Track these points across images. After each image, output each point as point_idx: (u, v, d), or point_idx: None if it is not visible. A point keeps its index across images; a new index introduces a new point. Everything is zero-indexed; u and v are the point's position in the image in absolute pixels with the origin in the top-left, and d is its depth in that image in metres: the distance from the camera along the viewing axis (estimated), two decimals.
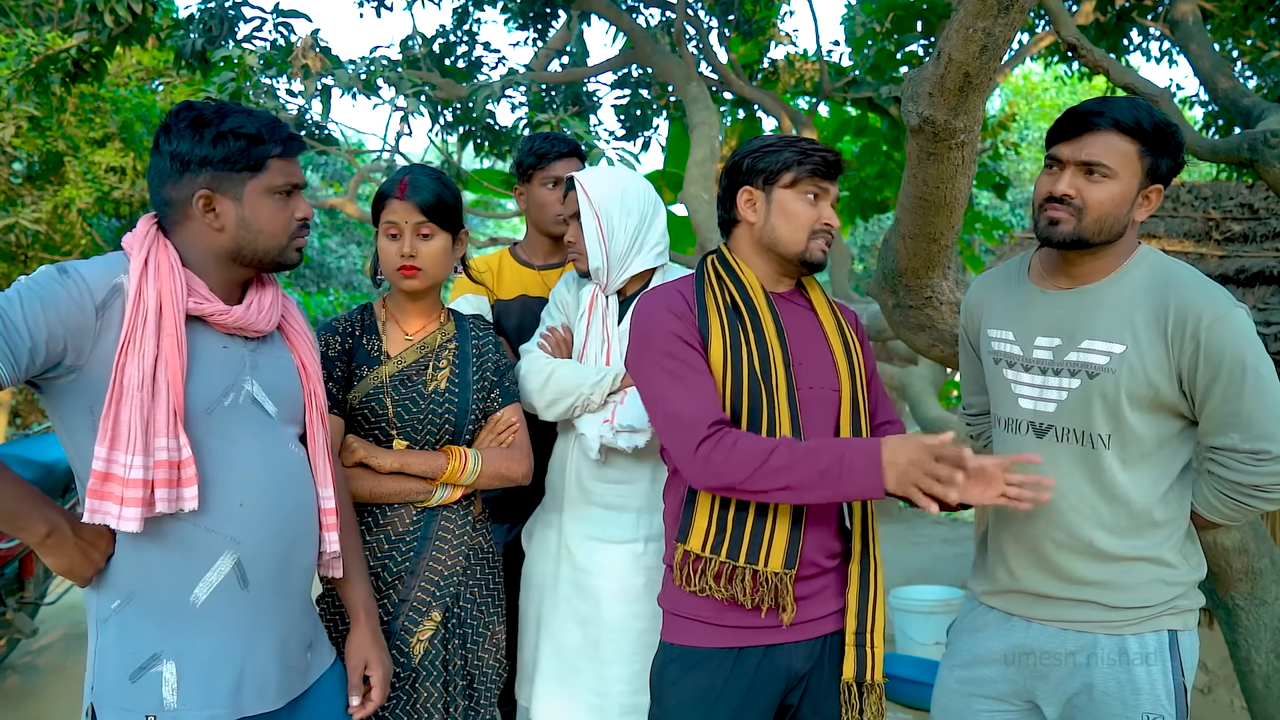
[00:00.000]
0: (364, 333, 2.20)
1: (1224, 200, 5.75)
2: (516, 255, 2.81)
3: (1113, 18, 6.58)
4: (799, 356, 1.96)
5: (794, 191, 1.96)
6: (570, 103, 6.70)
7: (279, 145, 1.69)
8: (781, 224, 1.96)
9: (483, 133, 6.49)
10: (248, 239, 1.69)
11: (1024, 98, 19.45)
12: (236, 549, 1.63)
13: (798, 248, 1.97)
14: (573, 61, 6.91)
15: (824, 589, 1.95)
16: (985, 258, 10.74)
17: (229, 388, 1.67)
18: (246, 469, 1.66)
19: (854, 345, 2.05)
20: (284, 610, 1.71)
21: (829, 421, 1.97)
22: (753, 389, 1.89)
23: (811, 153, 1.95)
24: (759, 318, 1.95)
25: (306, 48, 4.57)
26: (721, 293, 1.97)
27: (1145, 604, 1.88)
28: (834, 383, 1.99)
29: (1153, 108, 1.85)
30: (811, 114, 7.13)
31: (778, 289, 2.03)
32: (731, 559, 1.87)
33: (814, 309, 2.06)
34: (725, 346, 1.91)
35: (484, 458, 2.15)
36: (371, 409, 2.12)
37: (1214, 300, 1.80)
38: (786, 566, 1.87)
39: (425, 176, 2.16)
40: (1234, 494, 1.85)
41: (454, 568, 2.14)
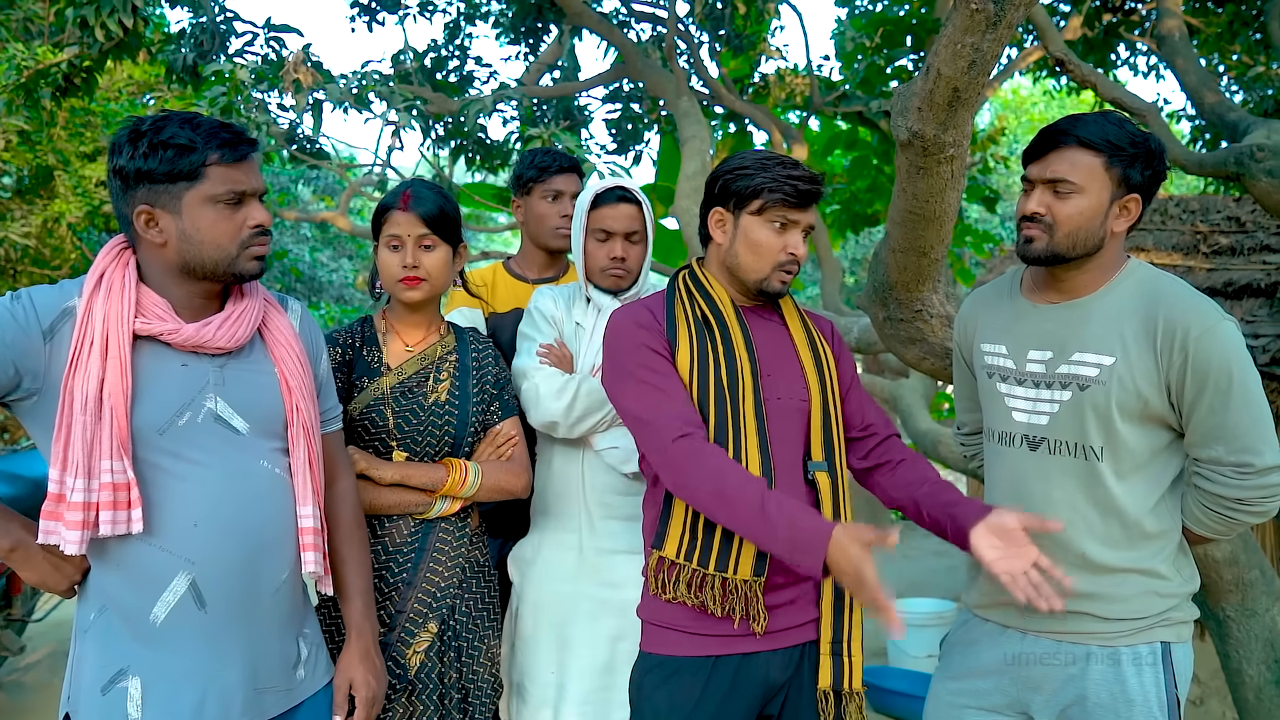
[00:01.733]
0: (364, 344, 2.20)
1: (1211, 213, 5.80)
2: (510, 269, 2.81)
3: (1100, 33, 6.64)
4: (767, 369, 1.98)
5: (761, 219, 1.94)
6: (562, 117, 6.72)
7: (217, 151, 1.64)
8: (745, 251, 1.96)
9: (474, 147, 6.51)
10: (191, 251, 1.65)
11: (1013, 112, 19.57)
12: (191, 569, 1.62)
13: (757, 276, 1.97)
14: (564, 76, 6.94)
15: (800, 598, 1.96)
16: (975, 270, 10.78)
17: (185, 407, 1.64)
18: (204, 489, 1.64)
19: (825, 357, 2.06)
20: (253, 632, 1.69)
21: (798, 432, 1.98)
22: (718, 400, 1.91)
23: (783, 180, 1.92)
24: (728, 331, 1.96)
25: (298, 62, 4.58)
26: (691, 307, 1.99)
27: (1138, 615, 1.89)
28: (802, 394, 1.99)
29: (1124, 120, 1.87)
30: (802, 128, 7.17)
31: (748, 303, 2.04)
32: (702, 566, 1.88)
33: (785, 322, 2.07)
34: (692, 358, 1.93)
35: (483, 471, 2.16)
36: (372, 420, 2.12)
37: (1203, 313, 1.82)
38: (755, 574, 1.87)
39: (427, 189, 2.18)
40: (1219, 507, 1.87)
41: (450, 580, 2.14)
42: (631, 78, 6.46)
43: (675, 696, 1.90)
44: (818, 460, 1.97)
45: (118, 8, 4.34)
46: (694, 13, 6.11)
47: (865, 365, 10.51)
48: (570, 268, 2.85)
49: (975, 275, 9.58)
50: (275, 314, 1.82)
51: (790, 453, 1.96)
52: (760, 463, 1.88)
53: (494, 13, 6.69)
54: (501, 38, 6.71)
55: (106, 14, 4.34)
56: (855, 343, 4.72)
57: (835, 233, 8.56)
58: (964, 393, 2.26)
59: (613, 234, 2.36)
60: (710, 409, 1.91)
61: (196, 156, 1.63)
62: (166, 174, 1.62)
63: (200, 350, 1.68)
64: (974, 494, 8.25)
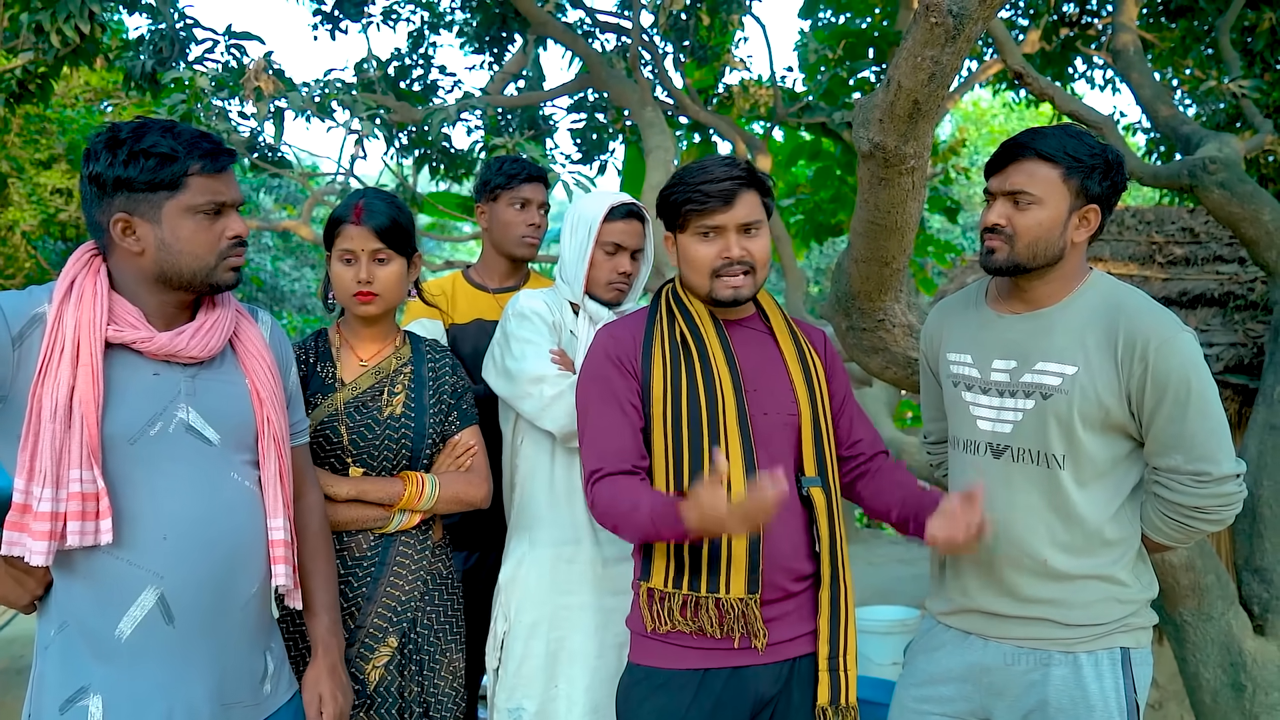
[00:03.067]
0: (318, 359, 2.17)
1: (1166, 224, 5.91)
2: (470, 278, 2.79)
3: (1058, 47, 6.75)
4: (752, 384, 1.96)
5: (688, 235, 1.95)
6: (526, 126, 6.71)
7: (199, 161, 1.63)
8: (686, 269, 1.97)
9: (438, 156, 6.48)
10: (170, 261, 1.64)
11: (974, 123, 19.84)
12: (160, 583, 1.59)
13: (703, 289, 1.96)
14: (529, 85, 6.93)
15: (792, 612, 1.95)
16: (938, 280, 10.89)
17: (156, 416, 1.63)
18: (174, 500, 1.62)
19: (815, 369, 2.04)
20: (221, 647, 1.66)
21: (789, 447, 1.97)
22: (693, 422, 1.89)
23: (692, 189, 1.90)
24: (706, 349, 1.95)
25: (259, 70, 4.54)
26: (670, 327, 1.98)
27: (1098, 621, 1.91)
28: (791, 408, 1.97)
29: (1082, 133, 1.91)
30: (766, 138, 7.21)
31: (733, 317, 2.03)
32: (694, 591, 1.87)
33: (773, 334, 2.05)
34: (666, 382, 1.92)
35: (442, 482, 2.14)
36: (326, 436, 2.10)
37: (1162, 324, 1.85)
38: (750, 592, 1.86)
39: (380, 201, 2.15)
40: (1177, 515, 1.90)
41: (411, 594, 2.12)
42: (596, 88, 6.47)
43: (663, 708, 1.89)
44: (811, 476, 1.96)
45: (74, 13, 4.27)
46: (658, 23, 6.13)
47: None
48: (531, 276, 2.84)
49: (937, 285, 9.68)
50: (246, 325, 1.81)
51: (784, 468, 1.92)
52: (746, 490, 1.86)
53: (458, 21, 6.67)
54: (466, 47, 6.69)
55: (63, 19, 4.27)
56: None
57: (799, 243, 8.62)
58: (930, 401, 2.27)
59: (622, 248, 2.34)
60: (684, 432, 1.89)
61: (178, 166, 1.62)
62: (147, 183, 1.61)
63: (172, 359, 1.66)
64: None
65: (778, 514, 1.86)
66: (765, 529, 1.88)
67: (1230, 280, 5.17)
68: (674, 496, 1.81)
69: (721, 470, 1.67)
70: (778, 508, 1.68)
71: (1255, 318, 4.85)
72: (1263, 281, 4.84)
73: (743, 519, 1.67)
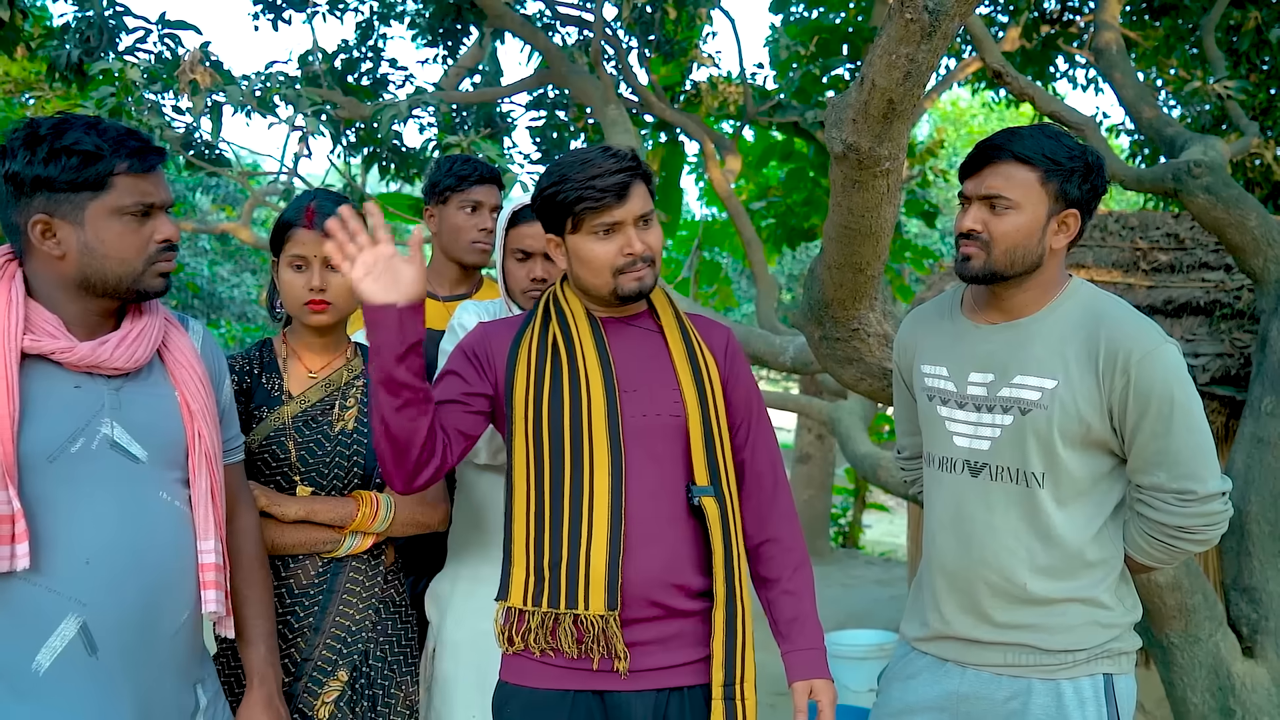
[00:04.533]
0: (263, 370, 2.16)
1: (1150, 230, 6.01)
2: None
3: (1038, 45, 6.86)
4: (630, 384, 1.94)
5: (581, 235, 1.90)
6: (482, 124, 6.69)
7: (126, 160, 1.62)
8: (582, 270, 1.93)
9: (388, 155, 6.45)
10: (94, 266, 1.63)
11: (952, 124, 20.09)
12: (82, 611, 1.57)
13: (605, 289, 1.93)
14: (485, 81, 6.92)
15: (672, 637, 1.91)
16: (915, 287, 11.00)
17: (78, 432, 1.61)
18: (97, 522, 1.60)
19: (706, 367, 2.00)
20: (147, 679, 1.64)
21: (674, 451, 1.94)
22: (554, 426, 1.88)
23: (583, 186, 1.87)
24: (575, 348, 1.94)
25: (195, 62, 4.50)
26: (543, 328, 1.97)
27: (1079, 646, 1.94)
28: (676, 409, 1.94)
29: (1061, 134, 1.94)
30: (736, 138, 7.26)
31: (619, 315, 2.00)
32: (553, 607, 1.86)
33: (661, 330, 2.02)
34: (529, 384, 1.92)
35: (397, 503, 2.13)
36: (272, 453, 2.08)
37: (1145, 335, 1.88)
38: (609, 608, 1.83)
39: (331, 203, 2.13)
40: (1161, 535, 1.93)
41: (363, 623, 2.10)
42: (556, 84, 6.47)
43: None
44: (702, 485, 1.92)
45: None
46: (622, 16, 6.15)
47: (803, 386, 10.64)
48: (485, 283, 2.84)
49: (915, 292, 9.77)
50: (176, 334, 1.80)
51: (669, 476, 1.92)
52: (610, 496, 1.85)
53: (409, 12, 6.65)
54: (418, 39, 6.67)
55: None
56: (791, 363, 4.77)
57: (771, 248, 8.67)
58: (904, 415, 2.30)
59: (532, 254, 2.34)
60: (545, 436, 1.89)
61: (103, 165, 1.61)
62: (69, 183, 1.60)
63: (95, 371, 1.64)
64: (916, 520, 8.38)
65: (657, 523, 1.88)
66: (638, 539, 1.87)
67: (1216, 288, 5.27)
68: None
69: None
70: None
71: (1242, 327, 4.94)
72: (1249, 289, 4.93)
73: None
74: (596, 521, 1.85)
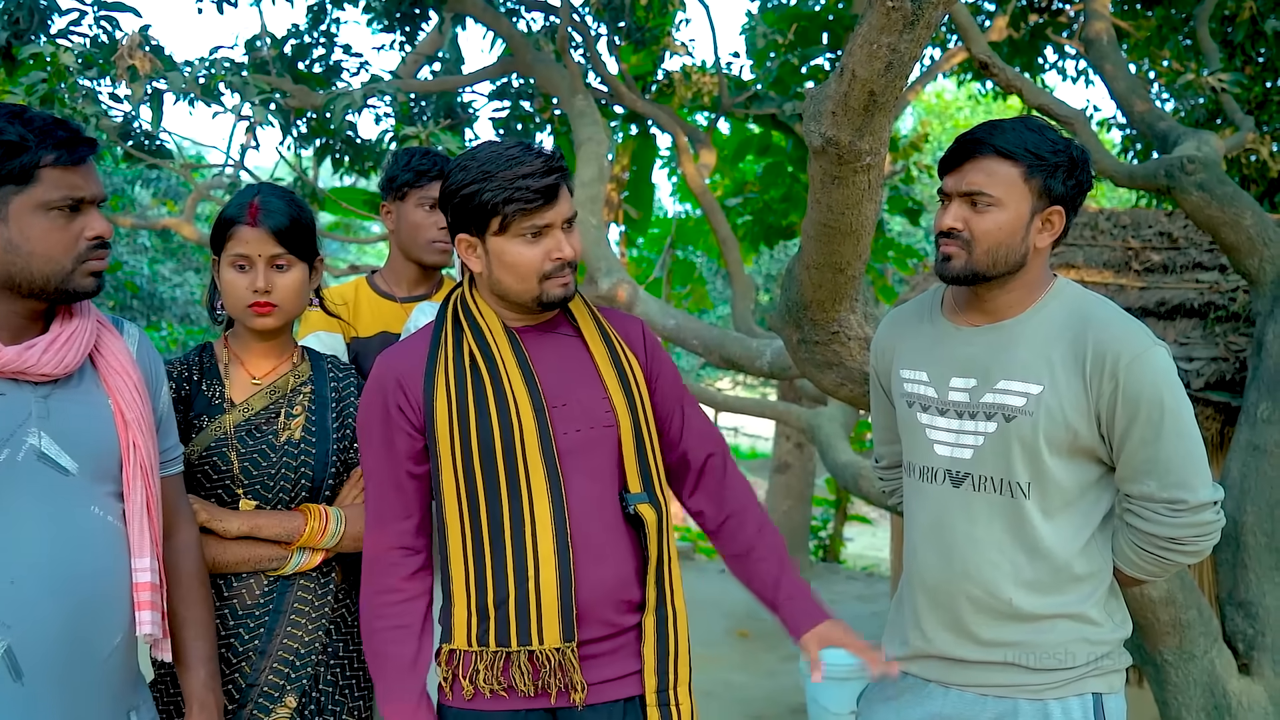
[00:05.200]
0: (203, 377, 2.14)
1: (1143, 228, 6.09)
2: (376, 285, 2.76)
3: (1026, 35, 6.93)
4: (557, 398, 1.94)
5: (507, 237, 1.88)
6: (442, 115, 6.68)
7: (53, 152, 1.61)
8: (504, 274, 1.91)
9: (342, 147, 6.42)
10: (18, 265, 1.62)
11: (937, 117, 20.26)
12: (6, 634, 1.56)
13: (530, 295, 1.92)
14: (445, 69, 6.90)
15: (620, 649, 1.94)
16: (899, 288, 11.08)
17: (2, 442, 1.60)
18: (23, 539, 1.59)
19: (631, 369, 2.01)
20: (78, 706, 1.63)
21: (609, 464, 1.95)
22: (486, 457, 1.88)
23: (514, 187, 1.84)
24: (497, 367, 1.92)
25: (134, 46, 4.45)
26: (456, 344, 1.95)
27: (1067, 665, 1.95)
28: (607, 419, 1.96)
29: (1044, 127, 1.96)
30: (710, 131, 7.27)
31: (529, 322, 2.00)
32: (502, 645, 1.86)
33: (581, 335, 2.02)
34: (452, 413, 1.90)
35: (347, 517, 2.12)
36: (213, 464, 2.06)
37: (1133, 337, 1.90)
38: (565, 639, 1.85)
39: (277, 198, 2.12)
40: (1151, 547, 1.95)
41: (312, 645, 2.09)
42: (521, 73, 6.47)
43: None
44: (636, 493, 1.95)
45: None
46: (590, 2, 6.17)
47: (781, 392, 10.68)
48: (445, 284, 2.83)
49: (898, 293, 9.84)
50: (109, 337, 1.78)
51: (603, 489, 1.94)
52: (553, 521, 1.86)
53: None
54: (373, 24, 6.64)
55: None
56: (768, 367, 4.79)
57: (747, 246, 8.70)
58: (882, 423, 2.31)
59: None
60: (476, 469, 1.89)
61: (29, 157, 1.59)
62: None
63: (21, 377, 1.63)
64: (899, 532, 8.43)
65: (601, 541, 1.90)
66: (586, 560, 1.88)
67: (1211, 289, 5.34)
68: (412, 686, 1.91)
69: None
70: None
71: (1237, 330, 5.00)
72: (1245, 291, 5.00)
73: None
74: (542, 550, 1.86)
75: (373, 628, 1.94)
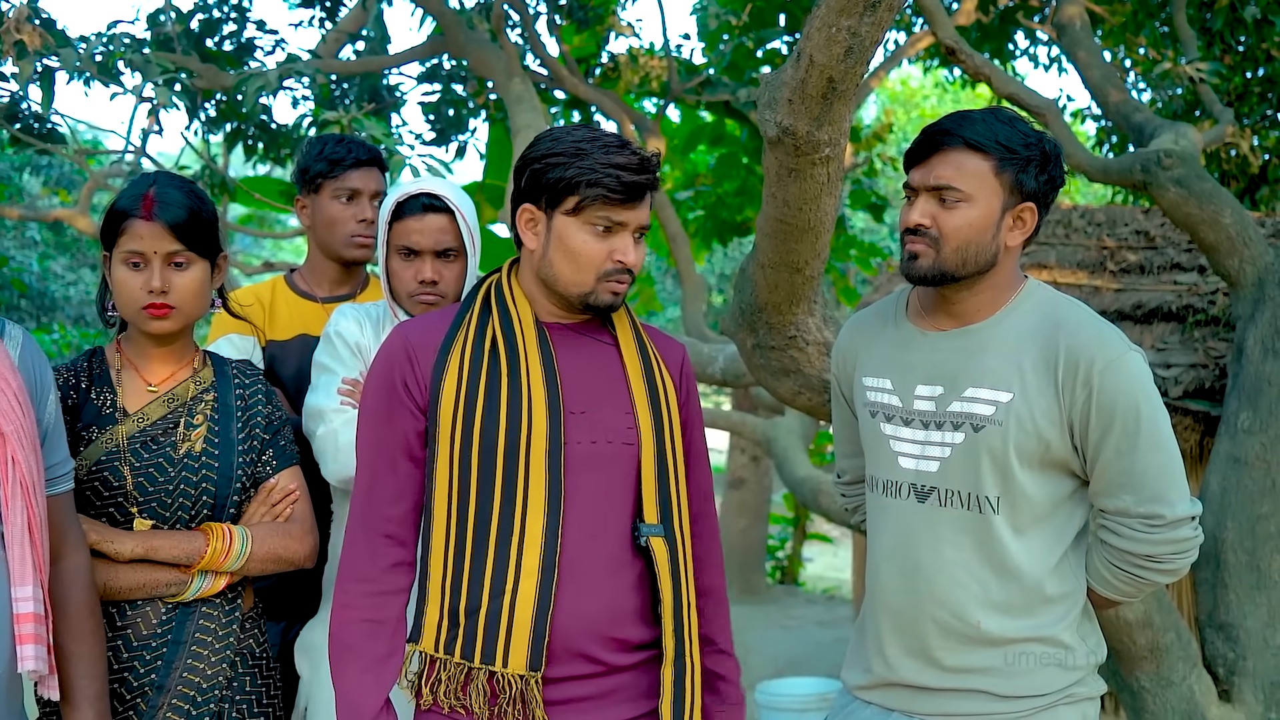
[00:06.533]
0: (93, 384, 2.12)
1: (1118, 227, 6.20)
2: (294, 285, 2.75)
3: (996, 19, 7.03)
4: (578, 404, 1.93)
5: (578, 221, 1.87)
6: (366, 98, 6.63)
7: None
8: (561, 260, 1.90)
9: (255, 133, 6.35)
10: None
11: (902, 105, 20.49)
12: None
13: (579, 290, 1.91)
14: (369, 49, 6.85)
15: (611, 692, 1.91)
16: (861, 289, 11.19)
17: None
18: None
19: (665, 390, 2.01)
20: None
21: (624, 484, 1.94)
22: (485, 458, 1.87)
23: (604, 171, 1.84)
24: (518, 360, 1.91)
25: (21, 19, 4.38)
26: (480, 328, 1.94)
27: (1039, 692, 1.98)
28: (629, 435, 1.94)
29: (1015, 118, 1.99)
30: (659, 119, 7.29)
31: (567, 319, 1.99)
32: (466, 659, 1.85)
33: (617, 343, 2.02)
34: (459, 399, 1.89)
35: (254, 536, 2.10)
36: (105, 480, 2.04)
37: (1107, 342, 1.93)
38: (531, 668, 1.82)
39: (174, 189, 2.10)
40: (1127, 565, 1.98)
41: (215, 679, 2.07)
42: (453, 53, 6.44)
43: None
44: (651, 523, 1.92)
45: None
46: None
47: (735, 401, 10.73)
48: (371, 282, 2.81)
49: (860, 295, 9.93)
50: None
51: (614, 512, 1.92)
52: (543, 537, 1.84)
53: None
54: None
55: None
56: (721, 374, 4.81)
57: (699, 243, 8.73)
58: (844, 435, 2.32)
59: (420, 252, 2.33)
60: (473, 471, 1.87)
61: None
62: None
63: None
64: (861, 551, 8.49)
65: (598, 570, 1.88)
66: (574, 586, 1.86)
67: (1189, 292, 5.45)
68: (373, 687, 1.87)
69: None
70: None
71: (1217, 335, 5.11)
72: (1225, 293, 5.10)
73: None
74: (525, 566, 1.84)
75: (341, 618, 1.90)
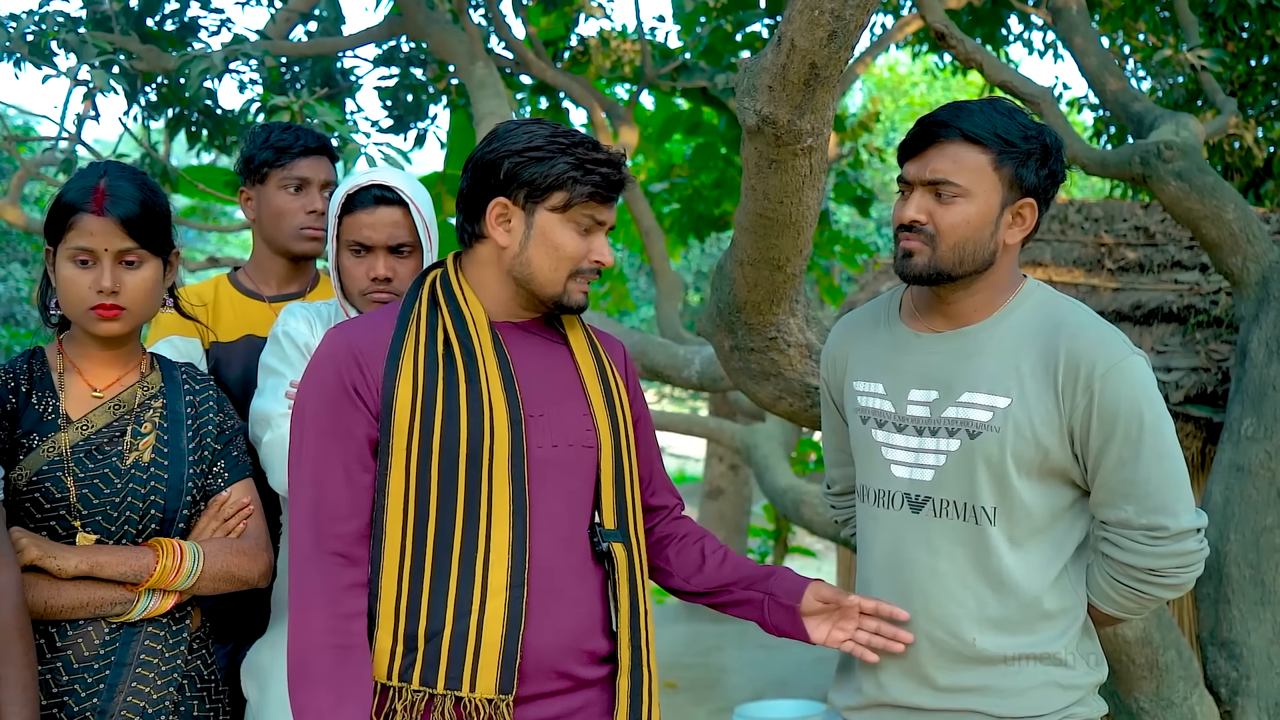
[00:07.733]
0: (33, 388, 2.10)
1: (1117, 222, 6.24)
2: (239, 283, 2.73)
3: (988, 2, 7.08)
4: (536, 407, 1.95)
5: (563, 218, 1.92)
6: (319, 82, 6.61)
7: None
8: (541, 257, 1.93)
9: (199, 119, 6.31)
10: None
11: (889, 93, 20.58)
12: None
13: (554, 289, 1.95)
14: (322, 29, 6.83)
15: (580, 709, 1.94)
16: (846, 287, 11.22)
17: None
18: None
19: (618, 391, 2.05)
20: None
21: (583, 490, 1.97)
22: (446, 468, 1.88)
23: (592, 167, 1.90)
24: (475, 361, 1.93)
25: None
26: (430, 327, 1.95)
27: (1036, 712, 2.00)
28: (588, 438, 1.98)
29: (1014, 109, 2.01)
30: (632, 106, 7.30)
31: (517, 319, 2.02)
32: (427, 685, 1.85)
33: (568, 343, 2.06)
34: (415, 405, 1.89)
35: (206, 553, 2.10)
36: (46, 491, 2.03)
37: (1110, 346, 1.95)
38: (502, 691, 1.84)
39: (127, 182, 2.09)
40: (1129, 579, 2.00)
41: (162, 703, 2.06)
42: (411, 35, 6.43)
43: None
44: (610, 529, 1.96)
45: None
46: None
47: (713, 406, 10.74)
48: (321, 280, 2.81)
49: (845, 293, 9.96)
50: None
51: (573, 519, 1.95)
52: (510, 548, 1.86)
53: None
54: None
55: None
56: (698, 378, 4.82)
57: (675, 239, 8.74)
58: (834, 443, 2.34)
59: (372, 247, 2.33)
60: (433, 483, 1.88)
61: None
62: None
63: None
64: (847, 566, 8.53)
65: (566, 580, 1.90)
66: (544, 600, 1.88)
67: (1191, 291, 5.48)
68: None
69: None
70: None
71: (1219, 336, 5.15)
72: (1227, 293, 5.13)
73: None
74: (493, 581, 1.85)
75: (302, 642, 1.87)
